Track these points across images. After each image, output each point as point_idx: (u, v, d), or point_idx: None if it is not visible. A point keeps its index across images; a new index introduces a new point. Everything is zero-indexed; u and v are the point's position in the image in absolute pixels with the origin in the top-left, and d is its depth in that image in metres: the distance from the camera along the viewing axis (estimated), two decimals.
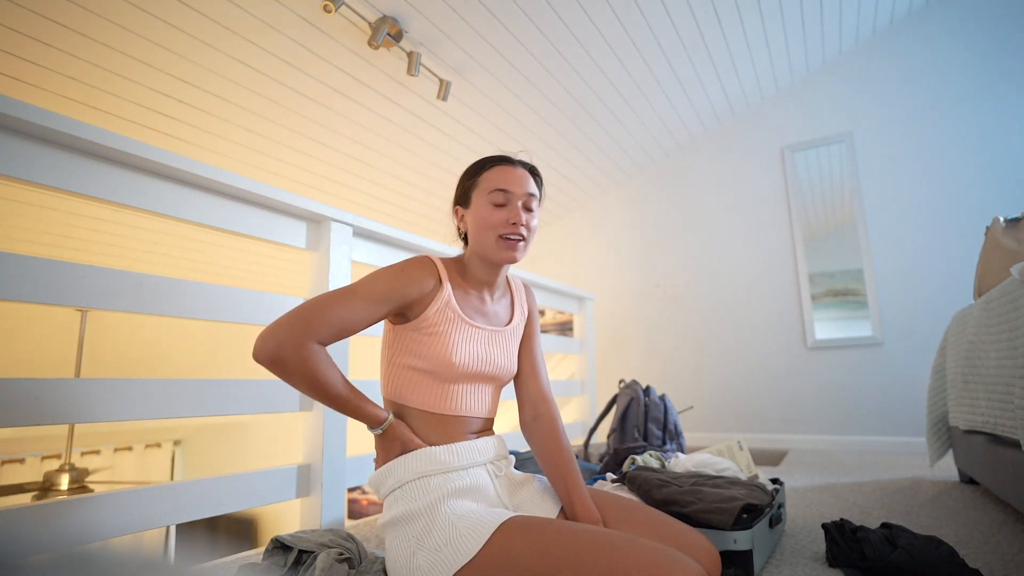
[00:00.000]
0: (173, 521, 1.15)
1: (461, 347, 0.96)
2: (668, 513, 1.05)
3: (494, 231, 0.98)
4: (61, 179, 1.06)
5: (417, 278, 0.95)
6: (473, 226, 1.00)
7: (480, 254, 1.01)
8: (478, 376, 1.00)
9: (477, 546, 0.80)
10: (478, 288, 1.04)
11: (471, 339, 0.99)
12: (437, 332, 0.95)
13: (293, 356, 0.85)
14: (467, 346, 0.97)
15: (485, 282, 1.04)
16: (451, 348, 0.95)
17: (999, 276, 1.56)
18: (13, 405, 0.96)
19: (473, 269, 1.03)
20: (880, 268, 3.30)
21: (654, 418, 2.23)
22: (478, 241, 1.00)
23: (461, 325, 0.98)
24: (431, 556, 0.82)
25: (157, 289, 1.19)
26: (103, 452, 4.79)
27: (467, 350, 0.97)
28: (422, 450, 0.94)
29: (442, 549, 0.82)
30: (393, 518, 0.90)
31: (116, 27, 2.06)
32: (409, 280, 0.94)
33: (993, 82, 3.11)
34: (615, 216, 4.34)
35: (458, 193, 1.05)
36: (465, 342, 0.97)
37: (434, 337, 0.95)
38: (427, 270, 0.97)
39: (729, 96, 3.59)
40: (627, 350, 4.08)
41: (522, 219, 0.98)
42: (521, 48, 2.66)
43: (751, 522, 1.07)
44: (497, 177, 1.00)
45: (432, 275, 0.97)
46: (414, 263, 0.97)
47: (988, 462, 1.54)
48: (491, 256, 0.99)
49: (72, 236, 3.10)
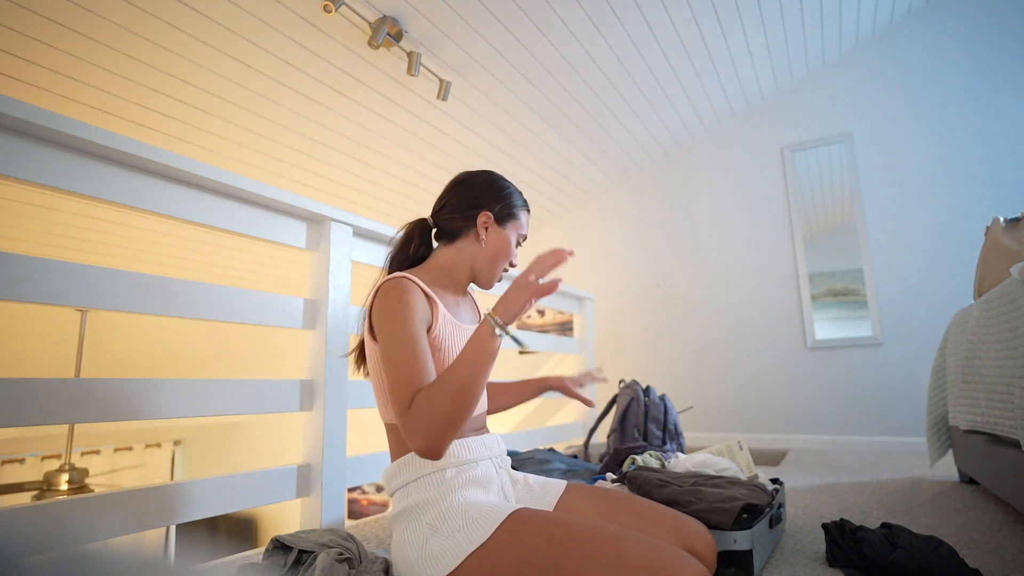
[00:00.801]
0: (173, 521, 1.15)
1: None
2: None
3: (503, 266, 1.09)
4: (61, 179, 1.06)
5: (417, 298, 0.95)
6: (496, 248, 1.07)
7: (477, 271, 1.08)
8: None
9: (489, 531, 0.83)
10: (452, 291, 1.09)
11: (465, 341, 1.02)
12: (443, 347, 0.99)
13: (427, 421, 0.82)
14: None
15: (461, 286, 1.11)
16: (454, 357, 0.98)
17: (999, 276, 1.56)
18: (13, 405, 0.96)
19: (457, 275, 1.08)
20: (880, 268, 3.30)
21: (654, 418, 2.23)
22: (490, 262, 1.07)
23: (457, 330, 1.02)
24: (444, 541, 0.85)
25: (157, 289, 1.19)
26: (103, 452, 4.80)
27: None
28: None
29: (455, 534, 0.85)
30: (406, 508, 0.92)
31: (116, 27, 2.06)
32: (415, 303, 0.94)
33: (993, 82, 3.11)
34: (615, 216, 4.34)
35: (498, 206, 1.07)
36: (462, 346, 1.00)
37: (441, 352, 0.98)
38: (415, 289, 0.96)
39: (729, 96, 3.59)
40: (627, 350, 4.08)
41: (516, 262, 1.12)
42: (521, 48, 2.66)
43: (751, 522, 1.07)
44: (524, 223, 1.11)
45: (420, 292, 0.97)
46: (402, 289, 0.94)
47: (988, 462, 1.54)
48: (487, 281, 1.09)
49: (72, 236, 3.10)
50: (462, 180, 1.10)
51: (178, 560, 1.56)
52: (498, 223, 1.06)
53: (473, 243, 1.06)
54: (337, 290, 1.54)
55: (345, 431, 1.51)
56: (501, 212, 1.07)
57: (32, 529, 0.98)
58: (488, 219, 1.06)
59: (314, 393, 1.49)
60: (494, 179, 1.10)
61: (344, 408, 1.51)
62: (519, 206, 1.09)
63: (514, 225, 1.08)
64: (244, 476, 1.30)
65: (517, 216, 1.09)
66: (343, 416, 1.51)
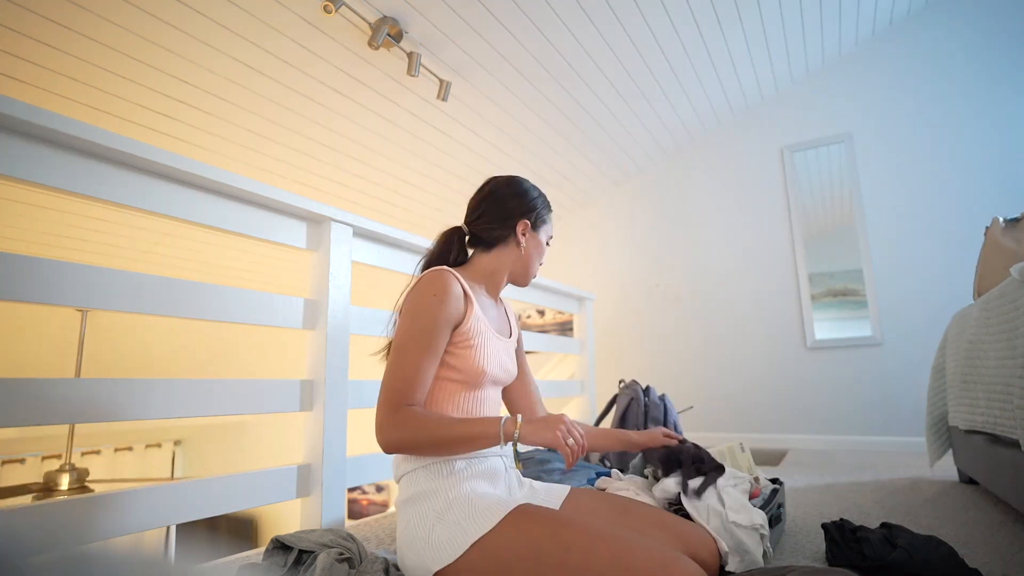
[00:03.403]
0: (173, 521, 1.15)
1: (491, 357, 1.04)
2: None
3: (537, 266, 1.18)
4: (61, 179, 1.06)
5: (455, 296, 0.99)
6: (532, 252, 1.15)
7: (516, 274, 1.15)
8: (497, 382, 1.09)
9: (493, 522, 0.85)
10: (490, 295, 1.15)
11: (496, 349, 1.06)
12: (471, 345, 1.01)
13: (402, 434, 0.90)
14: (494, 356, 1.05)
15: (498, 291, 1.16)
16: (483, 358, 1.02)
17: (999, 276, 1.56)
18: (13, 405, 0.96)
19: (496, 279, 1.14)
20: (880, 268, 3.30)
21: (654, 418, 2.23)
22: (528, 265, 1.15)
23: (489, 336, 1.05)
24: (450, 529, 0.87)
25: (157, 289, 1.19)
26: (103, 452, 4.80)
27: (494, 360, 1.05)
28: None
29: (461, 523, 0.87)
30: (413, 495, 0.94)
31: (116, 27, 2.06)
32: (450, 302, 0.98)
33: (993, 82, 3.11)
34: (615, 216, 4.34)
35: (534, 214, 1.14)
36: (493, 352, 1.05)
37: (469, 349, 1.01)
38: (456, 283, 1.01)
39: (729, 96, 3.59)
40: (627, 350, 4.08)
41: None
42: (521, 48, 2.66)
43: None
44: (552, 227, 1.20)
45: (459, 285, 1.01)
46: (445, 284, 0.98)
47: (988, 462, 1.54)
48: (525, 281, 1.17)
49: (72, 236, 3.10)
50: (495, 190, 1.15)
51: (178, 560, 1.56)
52: (534, 229, 1.14)
53: (513, 249, 1.13)
54: (337, 290, 1.54)
55: (345, 431, 1.51)
56: (536, 220, 1.15)
57: (32, 529, 0.98)
58: (526, 227, 1.13)
59: (314, 393, 1.49)
60: (526, 188, 1.17)
61: (344, 408, 1.51)
62: (549, 211, 1.19)
63: (545, 229, 1.18)
64: (244, 476, 1.30)
65: (548, 221, 1.18)
66: (343, 416, 1.51)
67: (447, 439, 0.90)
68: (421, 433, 0.89)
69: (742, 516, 1.05)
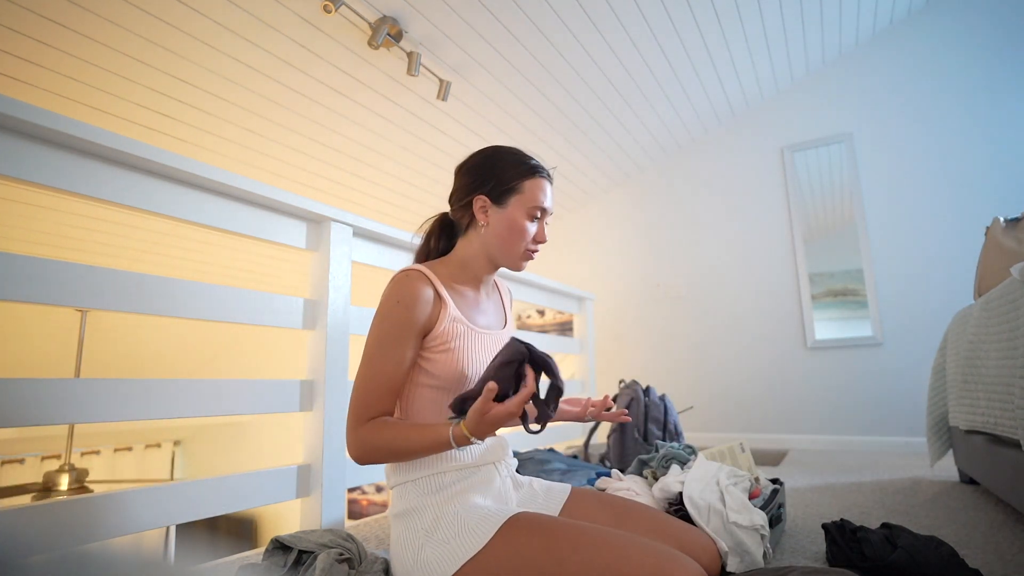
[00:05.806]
0: (173, 521, 1.15)
1: (473, 358, 0.96)
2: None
3: (524, 244, 0.99)
4: (61, 179, 1.06)
5: (422, 301, 0.91)
6: (502, 230, 0.97)
7: (494, 257, 1.01)
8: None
9: (484, 540, 0.82)
10: (473, 285, 1.03)
11: (479, 347, 0.97)
12: (449, 348, 0.94)
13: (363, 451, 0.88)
14: (477, 356, 0.97)
15: (480, 280, 1.04)
16: (464, 361, 0.94)
17: (999, 276, 1.56)
18: (13, 405, 0.96)
19: (473, 267, 1.02)
20: (880, 268, 3.30)
21: (654, 418, 2.23)
22: (500, 246, 0.99)
23: (469, 334, 0.97)
24: (439, 549, 0.84)
25: (157, 289, 1.19)
26: (103, 452, 4.79)
27: (479, 359, 0.97)
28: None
29: (450, 542, 0.84)
30: (404, 510, 0.91)
31: (116, 27, 2.06)
32: (416, 307, 0.91)
33: (993, 82, 3.11)
34: (615, 216, 4.34)
35: (489, 185, 0.98)
36: (475, 352, 0.96)
37: (446, 353, 0.94)
38: (424, 286, 0.93)
39: (729, 96, 3.59)
40: (627, 350, 4.08)
41: (545, 236, 1.01)
42: (521, 48, 2.66)
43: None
44: (540, 193, 0.99)
45: (429, 288, 0.93)
46: (409, 289, 0.91)
47: (988, 462, 1.54)
48: (510, 264, 1.01)
49: (71, 236, 3.10)
50: (461, 165, 1.05)
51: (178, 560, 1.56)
52: (496, 204, 0.97)
53: (481, 231, 0.99)
54: (337, 290, 1.54)
55: (345, 431, 1.50)
56: (495, 191, 0.97)
57: (32, 529, 0.98)
58: (484, 202, 0.98)
59: (314, 393, 1.49)
60: (485, 156, 1.01)
61: (344, 408, 1.51)
62: (519, 177, 0.97)
63: (519, 200, 0.97)
64: (244, 476, 1.30)
65: (518, 189, 0.97)
66: (343, 416, 1.50)
67: (406, 452, 0.87)
68: (381, 451, 0.88)
69: (742, 516, 1.05)
